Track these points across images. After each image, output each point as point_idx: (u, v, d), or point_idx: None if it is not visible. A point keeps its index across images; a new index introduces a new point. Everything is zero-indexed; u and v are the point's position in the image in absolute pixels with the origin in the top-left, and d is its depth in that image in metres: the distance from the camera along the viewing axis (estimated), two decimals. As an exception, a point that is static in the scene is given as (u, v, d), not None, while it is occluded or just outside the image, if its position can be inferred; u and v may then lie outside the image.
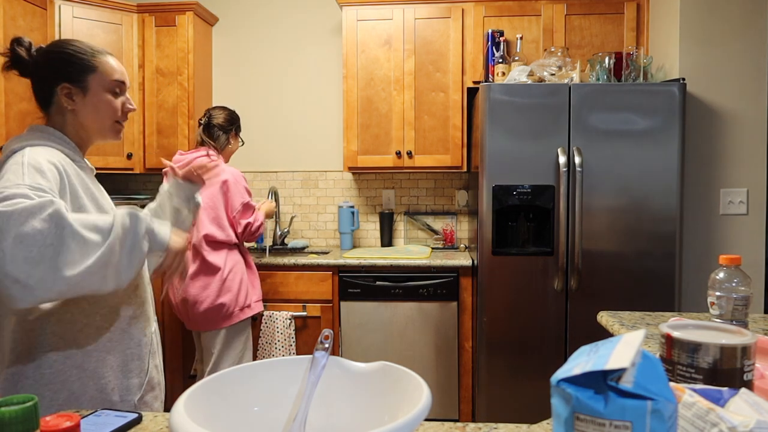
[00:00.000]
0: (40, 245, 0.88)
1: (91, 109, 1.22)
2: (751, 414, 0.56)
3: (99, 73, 1.22)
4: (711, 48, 2.63)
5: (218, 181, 2.35)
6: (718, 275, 1.21)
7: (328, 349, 0.77)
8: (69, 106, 1.21)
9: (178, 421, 0.58)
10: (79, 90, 1.21)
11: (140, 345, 1.23)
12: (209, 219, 2.36)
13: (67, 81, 1.20)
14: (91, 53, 1.23)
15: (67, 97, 1.21)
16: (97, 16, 3.07)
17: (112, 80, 1.23)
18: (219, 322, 2.37)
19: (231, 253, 2.40)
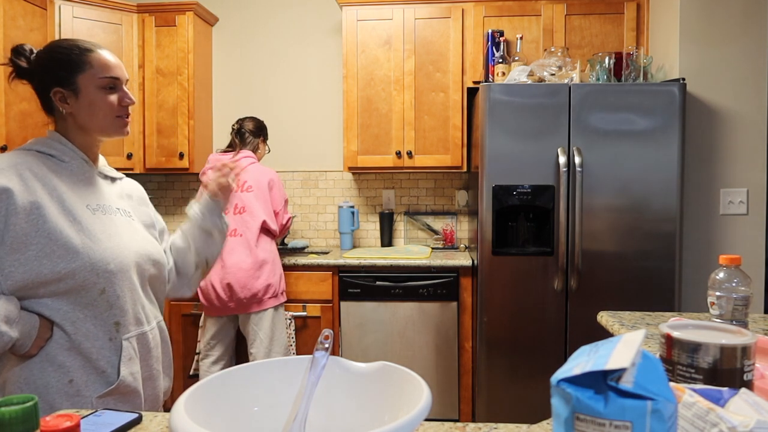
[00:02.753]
0: None
1: (86, 110, 1.19)
2: (751, 414, 0.56)
3: (88, 71, 1.18)
4: (711, 48, 2.63)
5: (266, 177, 2.60)
6: (718, 275, 1.21)
7: (328, 349, 0.77)
8: (65, 109, 1.19)
9: (178, 421, 0.58)
10: (71, 92, 1.18)
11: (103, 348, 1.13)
12: (263, 209, 2.57)
13: (58, 85, 1.18)
14: (78, 52, 1.19)
15: (61, 101, 1.19)
16: (97, 16, 3.07)
17: (103, 77, 1.19)
18: (267, 302, 2.55)
19: (273, 243, 2.64)
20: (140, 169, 3.23)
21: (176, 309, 2.96)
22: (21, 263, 1.05)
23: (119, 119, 1.23)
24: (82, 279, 1.10)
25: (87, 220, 1.14)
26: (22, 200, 1.06)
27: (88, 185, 1.21)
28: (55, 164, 1.17)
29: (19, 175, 1.09)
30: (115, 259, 1.15)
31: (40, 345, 1.10)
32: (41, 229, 1.07)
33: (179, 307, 2.95)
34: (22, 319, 1.06)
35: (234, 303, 2.51)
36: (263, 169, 2.63)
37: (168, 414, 0.89)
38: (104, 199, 1.23)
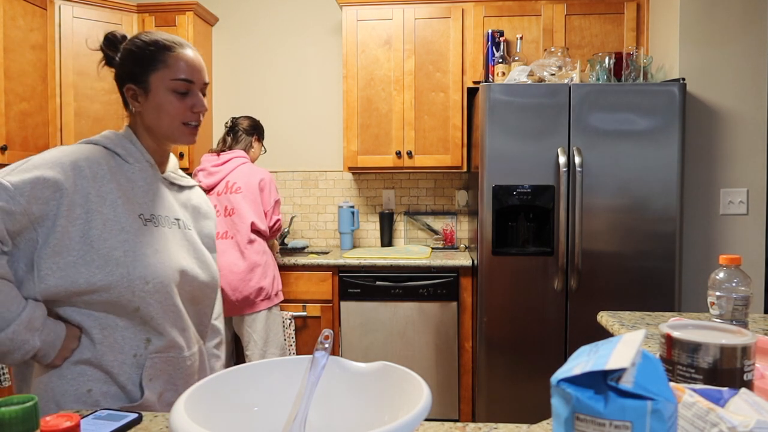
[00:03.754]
0: None
1: (153, 112, 1.12)
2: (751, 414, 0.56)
3: (162, 70, 1.10)
4: (711, 48, 2.63)
5: (257, 178, 2.56)
6: (718, 275, 1.21)
7: (328, 349, 0.77)
8: (134, 108, 1.13)
9: (178, 421, 0.58)
10: (142, 90, 1.11)
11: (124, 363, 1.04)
12: (252, 210, 2.54)
13: (132, 81, 1.11)
14: (155, 49, 1.11)
15: (132, 98, 1.12)
16: (97, 16, 3.07)
17: (175, 79, 1.11)
18: (259, 304, 2.53)
19: (265, 244, 2.60)
20: (140, 169, 3.22)
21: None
22: (59, 268, 0.98)
23: (186, 127, 1.14)
24: (117, 294, 1.02)
25: (135, 231, 1.06)
26: (73, 201, 1.00)
27: (148, 192, 1.13)
28: (118, 164, 1.10)
29: (76, 173, 1.02)
30: (155, 278, 1.05)
31: (65, 356, 1.03)
32: (86, 235, 1.00)
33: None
34: (47, 328, 0.99)
35: (227, 305, 2.50)
36: (255, 169, 2.59)
37: (168, 414, 0.89)
38: (163, 208, 1.14)
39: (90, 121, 3.07)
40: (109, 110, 3.13)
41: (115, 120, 3.14)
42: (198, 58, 1.16)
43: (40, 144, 2.82)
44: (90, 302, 1.02)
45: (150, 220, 1.10)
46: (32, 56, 2.76)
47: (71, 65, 3.00)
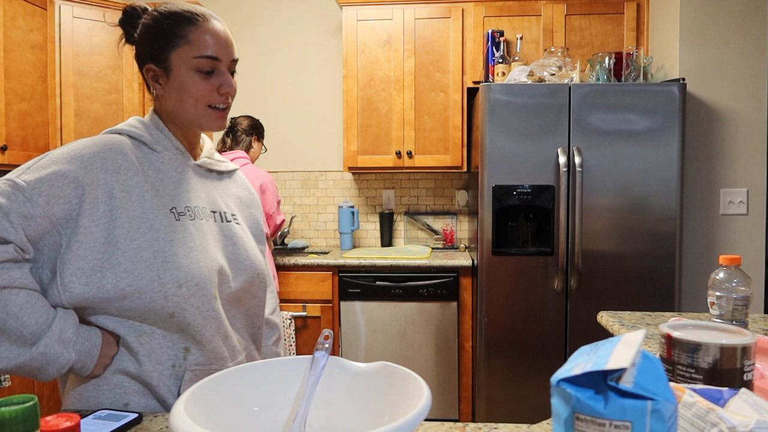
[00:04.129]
0: None
1: (175, 94, 0.99)
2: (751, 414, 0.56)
3: (183, 47, 0.97)
4: (711, 48, 2.63)
5: (258, 181, 2.57)
6: (718, 275, 1.21)
7: (328, 349, 0.77)
8: (156, 90, 1.01)
9: (178, 421, 0.58)
10: (162, 71, 0.99)
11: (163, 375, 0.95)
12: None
13: (152, 60, 0.99)
14: (174, 22, 0.97)
15: (153, 80, 1.00)
16: (97, 16, 3.07)
17: (199, 56, 0.97)
18: None
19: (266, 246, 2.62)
20: (140, 169, 3.23)
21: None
22: (83, 273, 0.87)
23: (212, 110, 1.00)
24: (149, 300, 0.90)
25: (166, 228, 0.94)
26: (96, 198, 0.90)
27: (180, 182, 1.01)
28: (145, 154, 0.99)
29: (97, 166, 0.91)
30: (189, 281, 0.93)
31: (106, 364, 0.94)
32: (111, 235, 0.89)
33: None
34: (80, 337, 0.90)
35: None
36: (255, 171, 2.60)
37: (168, 414, 0.89)
38: (198, 199, 1.03)
39: (90, 121, 3.07)
40: (109, 110, 3.13)
41: (115, 120, 3.13)
42: (225, 32, 1.01)
43: (40, 144, 2.82)
44: (121, 309, 0.91)
45: (183, 213, 0.98)
46: (32, 56, 2.76)
47: (71, 65, 3.00)
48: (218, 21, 1.01)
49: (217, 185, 1.10)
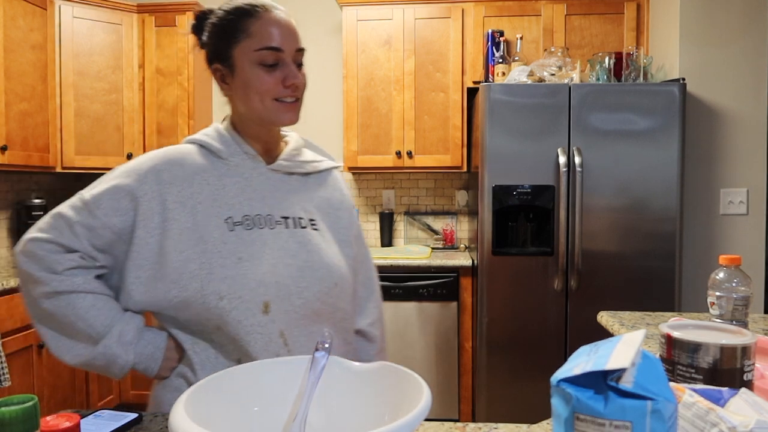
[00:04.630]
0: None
1: (241, 92, 0.95)
2: (751, 414, 0.56)
3: (244, 41, 0.93)
4: (711, 48, 2.63)
5: None
6: (718, 275, 1.21)
7: (328, 349, 0.77)
8: (224, 91, 0.98)
9: (178, 421, 0.58)
10: (227, 69, 0.96)
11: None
12: None
13: (217, 59, 0.97)
14: (236, 16, 0.94)
15: (221, 80, 0.98)
16: (97, 16, 3.07)
17: (260, 48, 0.92)
18: None
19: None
20: (140, 169, 3.23)
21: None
22: (141, 282, 0.91)
23: (279, 104, 0.94)
24: (195, 312, 0.91)
25: (216, 239, 0.92)
26: (150, 209, 0.91)
27: (244, 189, 0.97)
28: (212, 162, 0.97)
29: (153, 178, 0.93)
30: (231, 293, 0.90)
31: (172, 366, 0.95)
32: (162, 246, 0.90)
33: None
34: (143, 340, 0.93)
35: None
36: None
37: (168, 414, 0.89)
38: (263, 207, 0.97)
39: (90, 121, 3.07)
40: (109, 110, 3.13)
41: (115, 120, 3.14)
42: (287, 21, 0.94)
43: (40, 144, 2.82)
44: (176, 319, 0.93)
45: (240, 223, 0.94)
46: (32, 56, 2.76)
47: (71, 65, 3.00)
48: (280, 11, 0.96)
49: (298, 188, 1.03)
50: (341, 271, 1.00)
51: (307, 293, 0.95)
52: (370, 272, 1.14)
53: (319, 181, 1.07)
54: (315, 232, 1.00)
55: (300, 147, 1.07)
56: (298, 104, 0.97)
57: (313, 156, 1.08)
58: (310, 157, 1.07)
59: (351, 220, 1.09)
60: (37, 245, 0.91)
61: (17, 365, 2.26)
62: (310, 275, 0.96)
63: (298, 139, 1.08)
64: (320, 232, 1.01)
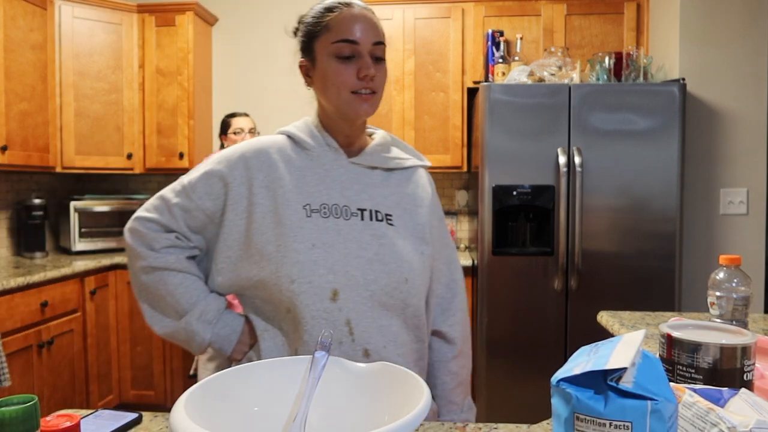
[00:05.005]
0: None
1: (320, 85, 0.99)
2: (751, 414, 0.56)
3: (324, 35, 0.96)
4: (711, 48, 2.63)
5: None
6: (718, 275, 1.21)
7: (328, 349, 0.77)
8: (307, 84, 1.03)
9: (178, 421, 0.58)
10: (310, 63, 1.00)
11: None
12: None
13: (303, 54, 1.01)
14: (320, 14, 0.97)
15: (306, 75, 1.02)
16: (97, 16, 3.07)
17: (336, 41, 0.94)
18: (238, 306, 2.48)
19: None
20: (140, 169, 3.23)
21: (176, 309, 2.96)
22: (230, 262, 0.98)
23: (355, 96, 0.96)
24: (270, 292, 0.96)
25: (295, 223, 0.95)
26: (239, 194, 0.98)
27: (324, 179, 1.00)
28: (296, 152, 1.02)
29: (242, 165, 0.99)
30: (302, 277, 0.93)
31: (244, 351, 1.00)
32: (248, 228, 0.97)
33: (179, 307, 2.95)
34: (221, 321, 1.00)
35: None
36: None
37: (168, 414, 0.89)
38: (341, 197, 0.99)
39: (90, 121, 3.07)
40: (109, 110, 3.13)
41: (115, 120, 3.14)
42: (364, 15, 0.96)
43: (40, 144, 2.82)
44: (255, 299, 1.00)
45: (317, 210, 0.97)
46: (32, 56, 2.76)
47: (71, 65, 3.00)
48: (359, 6, 0.98)
49: (379, 183, 1.03)
50: (413, 267, 1.00)
51: (375, 286, 0.96)
52: (454, 274, 1.12)
53: (403, 178, 1.07)
54: (390, 226, 1.01)
55: (386, 143, 1.08)
56: (374, 97, 0.99)
57: (398, 153, 1.09)
58: (394, 153, 1.08)
59: (431, 218, 1.07)
60: (141, 223, 1.01)
61: (17, 365, 2.26)
62: (380, 268, 0.97)
63: (384, 136, 1.10)
64: (396, 227, 1.01)
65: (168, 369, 2.97)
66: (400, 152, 1.10)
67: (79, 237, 3.08)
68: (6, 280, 2.21)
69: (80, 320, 2.68)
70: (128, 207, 3.21)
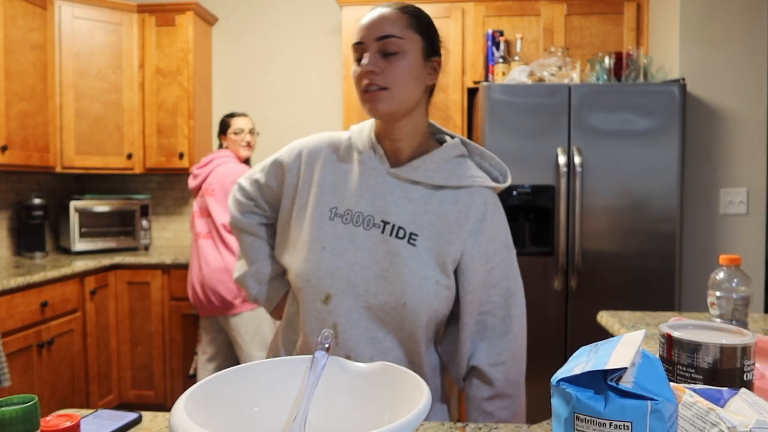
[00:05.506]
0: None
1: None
2: (751, 414, 0.56)
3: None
4: (711, 48, 2.63)
5: (230, 178, 2.54)
6: (718, 275, 1.21)
7: (328, 349, 0.77)
8: None
9: (178, 421, 0.58)
10: None
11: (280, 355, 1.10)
12: (225, 210, 2.52)
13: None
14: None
15: None
16: (97, 16, 3.07)
17: (353, 44, 0.97)
18: (240, 306, 2.50)
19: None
20: (140, 169, 3.23)
21: (176, 309, 2.96)
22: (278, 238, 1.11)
23: (365, 94, 0.95)
24: (290, 281, 1.05)
25: (317, 224, 0.99)
26: (290, 184, 1.07)
27: (360, 185, 1.00)
28: (347, 152, 1.04)
29: (298, 157, 1.07)
30: (304, 275, 0.98)
31: (279, 315, 1.17)
32: (290, 216, 1.07)
33: (179, 307, 2.95)
34: (270, 285, 1.17)
35: (211, 306, 2.51)
36: (232, 169, 2.56)
37: (168, 414, 0.89)
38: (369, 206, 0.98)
39: (90, 121, 3.07)
40: (109, 110, 3.13)
41: (115, 120, 3.14)
42: (373, 16, 0.95)
43: (40, 144, 2.82)
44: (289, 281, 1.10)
45: (340, 215, 0.98)
46: (32, 56, 2.76)
47: (71, 65, 3.00)
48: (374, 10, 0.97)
49: (417, 198, 0.98)
50: (416, 293, 0.95)
51: (374, 301, 0.97)
52: (510, 310, 1.02)
53: (451, 198, 0.99)
54: (411, 246, 0.96)
55: (448, 156, 1.00)
56: (384, 93, 0.93)
57: (459, 169, 1.00)
58: (452, 168, 1.00)
59: (469, 246, 0.98)
60: (237, 188, 1.19)
61: (17, 365, 2.26)
62: (383, 286, 0.96)
63: (453, 147, 1.02)
64: (417, 248, 0.96)
65: (168, 369, 2.97)
66: (465, 169, 1.00)
67: (79, 237, 3.08)
68: (6, 280, 2.21)
69: (80, 320, 2.68)
70: (128, 207, 3.22)
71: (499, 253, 1.01)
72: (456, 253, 0.98)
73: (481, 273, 0.99)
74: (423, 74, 0.97)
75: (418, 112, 1.00)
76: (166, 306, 2.96)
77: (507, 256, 1.03)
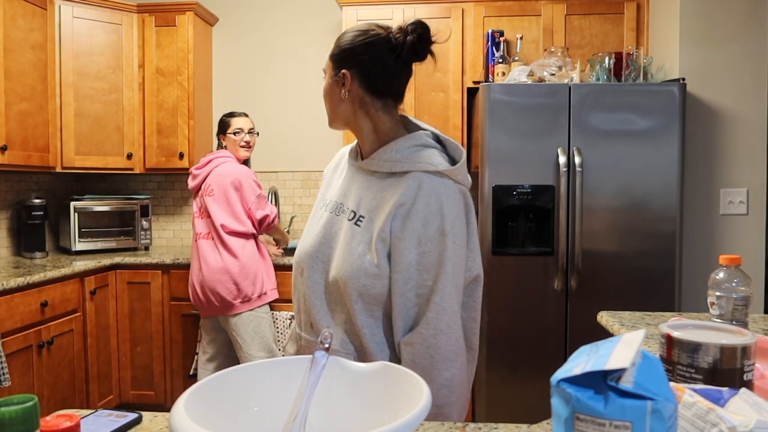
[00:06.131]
0: None
1: None
2: (751, 414, 0.56)
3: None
4: (711, 48, 2.63)
5: (229, 178, 2.53)
6: (718, 275, 1.21)
7: (328, 349, 0.77)
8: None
9: (178, 421, 0.58)
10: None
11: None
12: (224, 211, 2.51)
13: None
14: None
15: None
16: (97, 16, 3.07)
17: None
18: (239, 306, 2.49)
19: (248, 243, 2.54)
20: (140, 169, 3.23)
21: (176, 309, 2.96)
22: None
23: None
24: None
25: (313, 213, 1.21)
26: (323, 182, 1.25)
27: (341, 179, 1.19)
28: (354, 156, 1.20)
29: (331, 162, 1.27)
30: (296, 256, 1.18)
31: None
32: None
33: (179, 307, 2.95)
34: None
35: (211, 306, 2.51)
36: (231, 169, 2.54)
37: (168, 414, 0.89)
38: (340, 195, 1.14)
39: (90, 121, 3.07)
40: (109, 110, 3.13)
41: (115, 120, 3.14)
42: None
43: (40, 144, 2.82)
44: None
45: (324, 206, 1.18)
46: (32, 56, 2.76)
47: (71, 65, 3.00)
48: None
49: (370, 185, 1.09)
50: (348, 269, 1.03)
51: (317, 276, 1.12)
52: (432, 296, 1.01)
53: (392, 182, 1.05)
54: (355, 227, 1.07)
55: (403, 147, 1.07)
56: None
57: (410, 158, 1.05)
58: (401, 158, 1.06)
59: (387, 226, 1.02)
60: None
61: (17, 365, 2.26)
62: (320, 263, 1.11)
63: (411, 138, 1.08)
64: (360, 229, 1.06)
65: (168, 369, 2.97)
66: (418, 156, 1.05)
67: (79, 237, 3.08)
68: (6, 280, 2.21)
69: (80, 320, 2.68)
70: (128, 207, 3.22)
71: (432, 238, 1.01)
72: (383, 233, 1.02)
73: (413, 255, 1.01)
74: (336, 91, 1.12)
75: (364, 117, 1.12)
76: (166, 306, 2.96)
77: (441, 242, 1.01)
